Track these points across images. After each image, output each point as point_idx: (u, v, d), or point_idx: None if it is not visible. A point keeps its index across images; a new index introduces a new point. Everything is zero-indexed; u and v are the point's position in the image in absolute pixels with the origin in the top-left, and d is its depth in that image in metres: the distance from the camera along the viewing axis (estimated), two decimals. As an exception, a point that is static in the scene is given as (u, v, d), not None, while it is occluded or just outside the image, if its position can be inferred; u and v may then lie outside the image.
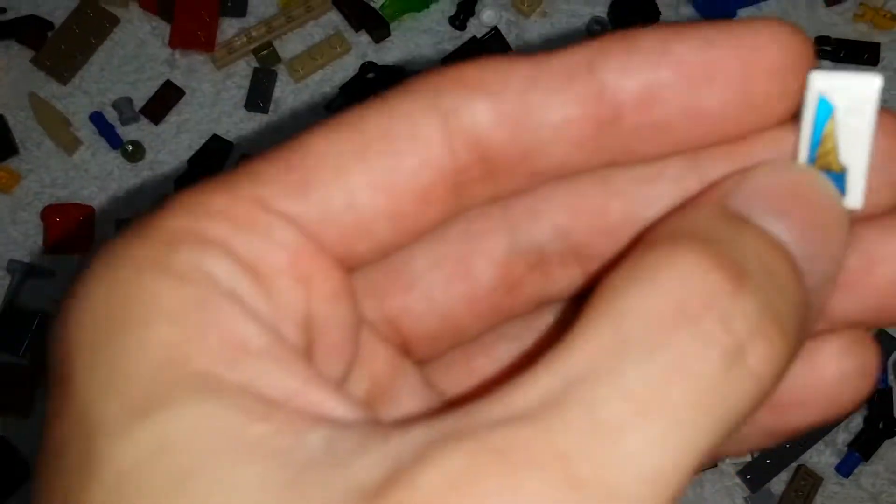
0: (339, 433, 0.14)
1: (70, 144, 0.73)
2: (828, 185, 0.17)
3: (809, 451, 0.65)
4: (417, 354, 0.20)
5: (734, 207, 0.17)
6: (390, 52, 0.75)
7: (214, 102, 0.75)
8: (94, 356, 0.15)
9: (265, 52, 0.75)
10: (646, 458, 0.14)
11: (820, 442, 0.65)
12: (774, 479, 0.65)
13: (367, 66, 0.73)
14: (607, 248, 0.19)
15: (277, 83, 0.75)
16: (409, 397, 0.19)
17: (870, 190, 0.17)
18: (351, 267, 0.17)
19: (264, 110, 0.74)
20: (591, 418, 0.14)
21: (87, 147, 0.74)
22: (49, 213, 0.71)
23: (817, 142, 0.17)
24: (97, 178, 0.73)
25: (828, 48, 0.72)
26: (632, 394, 0.14)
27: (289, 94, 0.75)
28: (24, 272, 0.71)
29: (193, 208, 0.16)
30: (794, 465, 0.65)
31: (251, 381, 0.15)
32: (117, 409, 0.14)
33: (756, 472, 0.65)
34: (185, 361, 0.15)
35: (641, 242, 0.17)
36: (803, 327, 0.16)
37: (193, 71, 0.75)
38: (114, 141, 0.73)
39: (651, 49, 0.17)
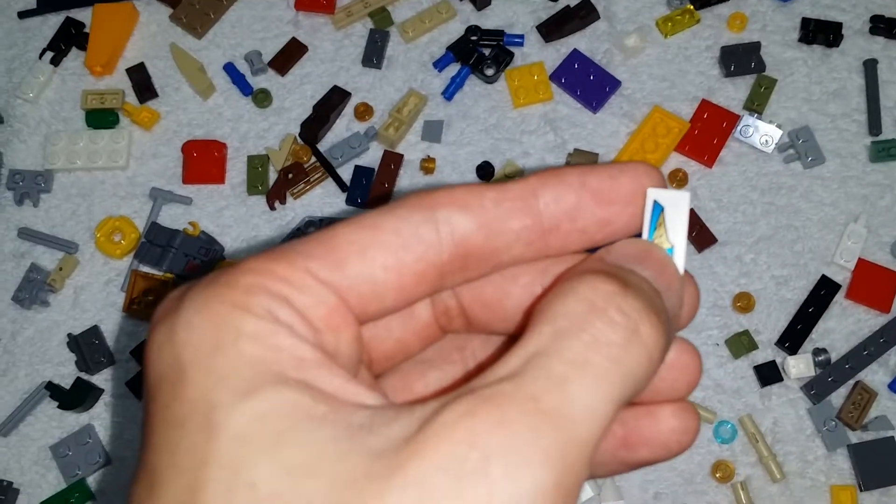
0: (376, 412, 0.21)
1: (206, 90, 0.82)
2: (663, 249, 0.26)
3: (865, 370, 0.73)
4: (378, 368, 0.29)
5: (611, 260, 0.25)
6: (490, 19, 0.84)
7: (334, 58, 0.84)
8: (205, 362, 0.22)
9: (380, 15, 0.84)
10: (584, 397, 0.21)
11: (874, 363, 0.73)
12: (834, 394, 0.73)
13: (473, 29, 0.83)
14: (482, 313, 0.28)
15: (390, 43, 0.84)
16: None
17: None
18: (363, 321, 0.25)
19: (378, 66, 0.83)
20: (547, 375, 0.21)
21: (220, 93, 0.83)
22: (188, 148, 0.80)
23: (654, 229, 0.26)
24: (230, 120, 0.82)
25: (882, 25, 0.82)
26: (570, 360, 0.21)
27: (400, 53, 0.84)
28: (165, 198, 0.79)
29: (263, 272, 0.23)
30: (851, 381, 0.73)
31: (311, 380, 0.22)
32: (227, 394, 0.21)
33: (818, 387, 0.73)
34: (267, 366, 0.21)
35: (554, 284, 0.25)
36: (669, 327, 0.24)
37: (316, 31, 0.85)
38: (245, 88, 0.82)
39: (574, 182, 0.25)
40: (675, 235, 0.26)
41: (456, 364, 0.30)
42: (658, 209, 0.26)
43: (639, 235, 0.26)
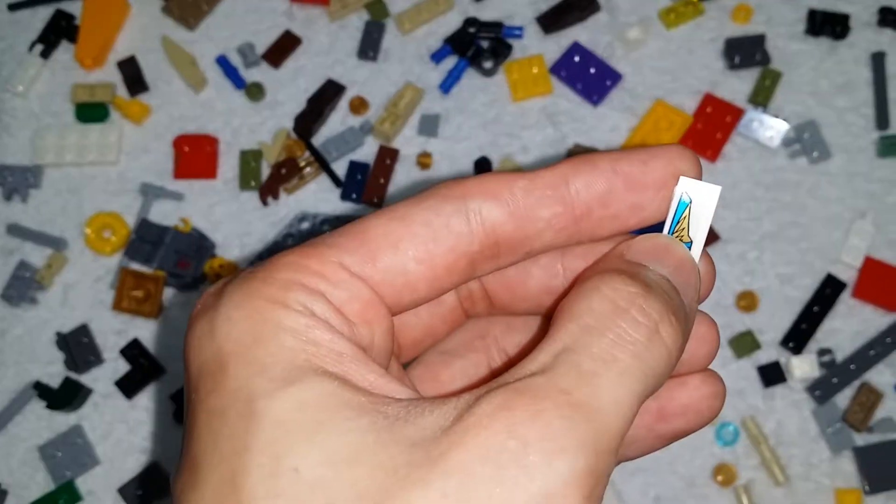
0: (410, 404, 0.22)
1: (198, 83, 0.81)
2: (682, 245, 0.26)
3: (871, 370, 0.71)
4: (407, 355, 0.29)
5: (630, 258, 0.26)
6: (488, 11, 0.82)
7: (329, 51, 0.82)
8: (245, 353, 0.22)
9: (376, 7, 0.82)
10: (612, 390, 0.22)
11: (881, 363, 0.71)
12: (839, 395, 0.71)
13: (471, 21, 0.81)
14: (504, 294, 0.29)
15: (386, 35, 0.82)
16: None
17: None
18: (395, 313, 0.25)
19: (374, 59, 0.81)
20: (576, 370, 0.22)
21: (212, 87, 0.81)
22: (179, 143, 0.79)
23: (677, 221, 0.26)
24: (222, 114, 0.81)
25: (890, 18, 0.80)
26: (597, 356, 0.22)
27: (396, 45, 0.82)
28: (155, 194, 0.78)
29: (298, 267, 0.23)
30: (857, 382, 0.71)
31: (348, 373, 0.22)
32: (268, 384, 0.22)
33: (823, 388, 0.71)
34: (307, 358, 0.22)
35: (575, 281, 0.27)
36: (687, 323, 0.25)
37: (310, 22, 0.83)
38: (237, 82, 0.81)
39: (606, 167, 0.26)
40: (697, 229, 0.26)
41: (479, 352, 0.31)
42: (685, 201, 0.26)
43: (662, 223, 0.26)
